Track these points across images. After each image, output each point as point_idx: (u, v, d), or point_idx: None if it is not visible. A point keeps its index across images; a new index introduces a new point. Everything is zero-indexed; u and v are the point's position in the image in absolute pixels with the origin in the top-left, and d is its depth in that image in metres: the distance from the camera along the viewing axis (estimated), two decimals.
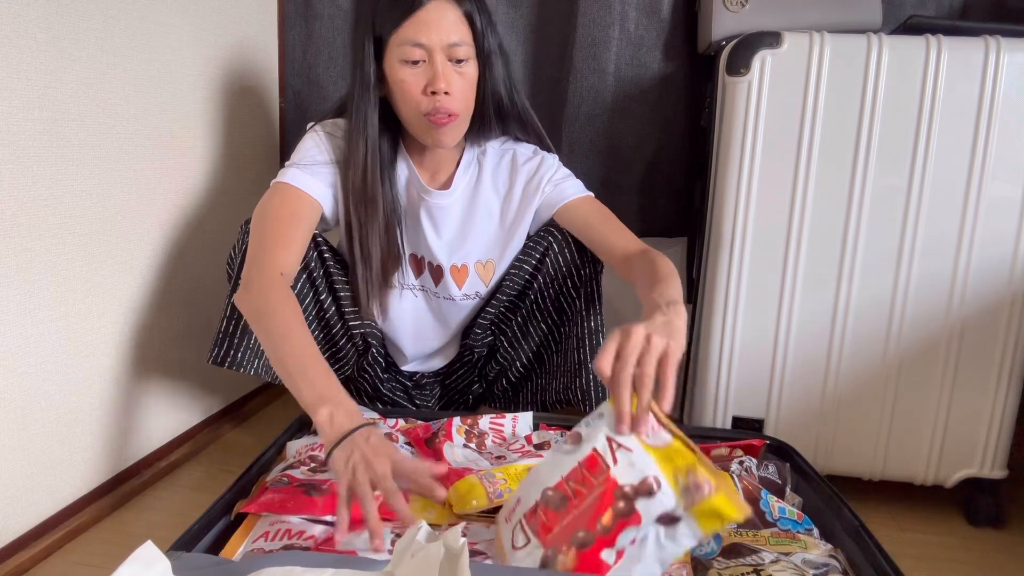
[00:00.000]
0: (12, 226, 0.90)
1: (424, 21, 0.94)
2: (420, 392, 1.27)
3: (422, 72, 0.96)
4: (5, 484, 0.93)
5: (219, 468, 1.26)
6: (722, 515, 0.66)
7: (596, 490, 0.68)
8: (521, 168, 1.11)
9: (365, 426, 0.77)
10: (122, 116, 1.07)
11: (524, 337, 1.17)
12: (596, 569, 0.66)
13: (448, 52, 0.95)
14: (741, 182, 1.10)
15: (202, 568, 0.66)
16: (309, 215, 1.02)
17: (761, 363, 1.15)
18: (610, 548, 0.67)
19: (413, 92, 0.97)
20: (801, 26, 1.11)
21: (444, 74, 0.95)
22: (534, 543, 0.69)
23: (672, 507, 0.66)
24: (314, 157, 1.04)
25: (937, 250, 1.08)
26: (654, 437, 0.70)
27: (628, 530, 0.66)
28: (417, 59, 0.95)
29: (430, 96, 0.96)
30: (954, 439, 1.13)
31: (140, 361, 1.16)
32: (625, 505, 0.67)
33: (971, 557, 1.06)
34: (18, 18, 0.89)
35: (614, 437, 0.70)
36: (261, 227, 0.98)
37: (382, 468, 0.73)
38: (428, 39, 0.94)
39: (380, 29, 0.97)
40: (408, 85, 0.97)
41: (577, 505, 0.68)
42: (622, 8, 1.35)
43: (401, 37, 0.95)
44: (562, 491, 0.70)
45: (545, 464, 0.74)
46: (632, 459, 0.68)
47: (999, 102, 1.03)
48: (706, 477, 0.66)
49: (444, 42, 0.94)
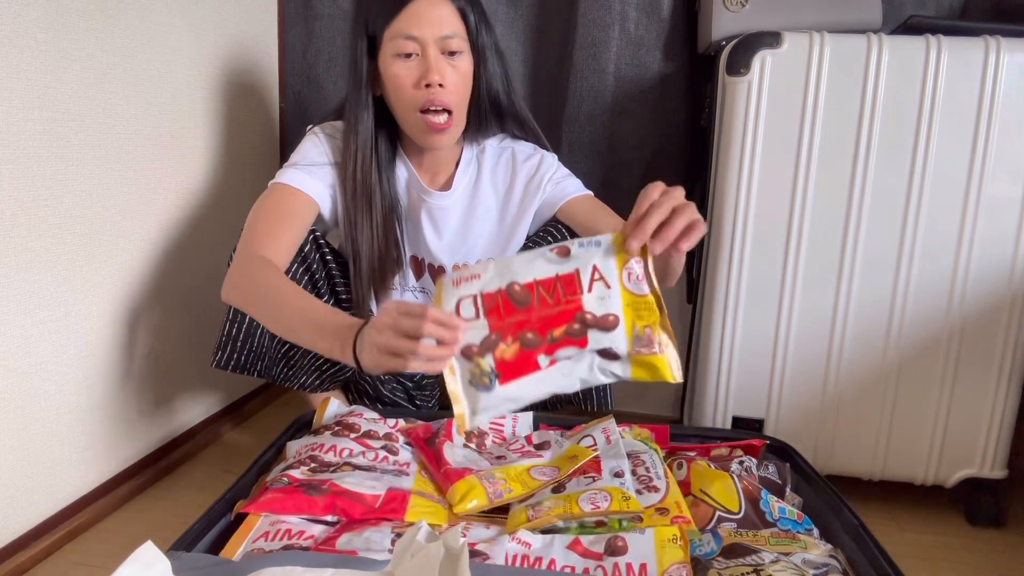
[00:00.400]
0: (12, 226, 0.90)
1: (416, 14, 0.94)
2: (420, 393, 1.27)
3: (415, 65, 0.96)
4: (5, 484, 0.93)
5: (219, 468, 1.26)
6: (657, 372, 0.75)
7: (561, 306, 0.74)
8: (521, 166, 1.11)
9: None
10: (122, 116, 1.07)
11: None
12: (527, 366, 0.74)
13: (441, 44, 0.95)
14: (741, 182, 1.10)
15: (202, 568, 0.66)
16: (303, 213, 1.02)
17: (761, 363, 1.15)
18: (548, 356, 0.74)
19: (406, 86, 0.97)
20: (801, 26, 1.11)
21: (437, 66, 0.95)
22: (483, 322, 0.74)
23: (619, 348, 0.74)
24: (312, 158, 1.04)
25: (937, 250, 1.08)
26: (635, 284, 0.75)
27: (571, 348, 0.74)
28: (410, 51, 0.95)
29: (423, 89, 0.96)
30: (954, 439, 1.13)
31: (140, 361, 1.16)
32: (580, 328, 0.74)
33: (971, 557, 1.06)
34: (18, 18, 0.89)
35: (600, 268, 0.74)
36: (251, 225, 0.99)
37: (394, 343, 0.72)
38: (420, 32, 0.94)
39: (373, 27, 0.97)
40: (401, 79, 0.97)
41: (537, 310, 0.74)
42: (622, 8, 1.35)
43: (394, 31, 0.95)
44: (529, 291, 0.74)
45: (522, 259, 0.77)
46: (606, 295, 0.74)
47: (999, 102, 1.03)
48: (660, 337, 0.74)
49: (437, 34, 0.95)
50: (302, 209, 1.01)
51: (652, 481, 0.87)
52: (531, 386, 0.75)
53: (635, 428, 1.04)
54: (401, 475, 0.90)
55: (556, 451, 0.94)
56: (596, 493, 0.82)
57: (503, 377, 0.74)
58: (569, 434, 1.00)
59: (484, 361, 0.74)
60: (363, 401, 1.24)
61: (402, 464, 0.93)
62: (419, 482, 0.89)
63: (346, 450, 0.92)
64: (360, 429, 0.98)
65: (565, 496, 0.82)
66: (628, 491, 0.83)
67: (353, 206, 1.04)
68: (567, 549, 0.74)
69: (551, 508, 0.80)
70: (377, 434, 0.98)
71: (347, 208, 1.04)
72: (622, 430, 1.01)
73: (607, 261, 0.75)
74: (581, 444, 0.94)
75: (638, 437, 1.02)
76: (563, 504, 0.80)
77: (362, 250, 1.06)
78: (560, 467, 0.89)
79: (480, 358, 0.74)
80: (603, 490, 0.82)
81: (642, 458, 0.93)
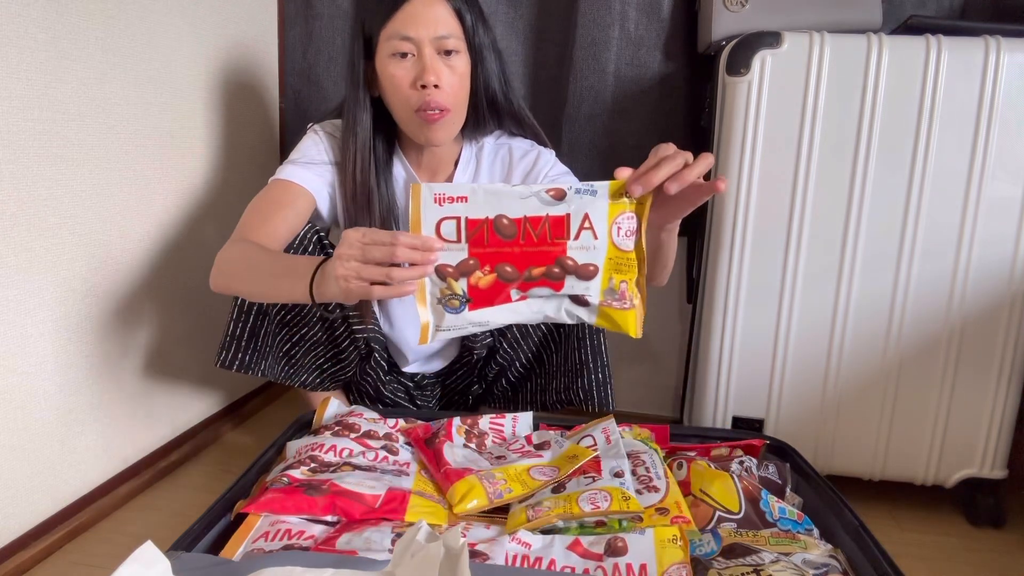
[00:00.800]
0: (12, 226, 0.90)
1: (412, 14, 0.94)
2: (421, 393, 1.27)
3: (411, 66, 0.96)
4: (5, 484, 0.93)
5: (219, 468, 1.26)
6: (620, 327, 0.79)
7: (544, 247, 0.76)
8: (518, 163, 1.11)
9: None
10: (122, 116, 1.07)
11: (524, 338, 1.17)
12: (499, 297, 0.77)
13: (437, 44, 0.95)
14: (741, 182, 1.10)
15: (202, 568, 0.66)
16: (297, 204, 1.02)
17: (761, 363, 1.15)
18: (521, 292, 0.76)
19: (402, 86, 0.97)
20: (801, 26, 1.11)
21: (433, 67, 0.95)
22: (463, 246, 0.76)
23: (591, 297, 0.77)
24: (312, 156, 1.05)
25: (937, 250, 1.08)
26: (622, 239, 0.77)
27: (546, 289, 0.77)
28: (406, 51, 0.95)
29: (419, 90, 0.96)
30: (954, 439, 1.13)
31: (140, 361, 1.16)
32: (559, 272, 0.76)
33: (971, 557, 1.06)
34: (18, 18, 0.89)
35: (591, 217, 0.76)
36: (245, 216, 1.01)
37: (355, 269, 0.73)
38: (416, 32, 0.94)
39: (370, 28, 0.97)
40: (397, 79, 0.97)
41: (521, 246, 0.76)
42: (622, 8, 1.35)
43: (390, 31, 0.95)
44: (516, 227, 0.76)
45: (514, 193, 0.77)
46: (592, 244, 0.76)
47: (999, 102, 1.03)
48: (633, 295, 0.78)
49: (432, 34, 0.94)
50: (296, 200, 1.02)
51: (652, 481, 0.87)
52: (498, 314, 0.78)
53: (635, 428, 1.04)
54: (401, 475, 0.90)
55: (556, 451, 0.94)
56: (596, 493, 0.82)
57: (473, 303, 0.76)
58: (569, 434, 1.00)
59: (457, 284, 0.76)
60: (363, 401, 1.24)
61: (402, 464, 0.93)
62: (419, 482, 0.89)
63: (346, 450, 0.92)
64: (360, 429, 0.98)
65: (565, 496, 0.82)
66: (628, 491, 0.83)
67: (353, 207, 1.04)
68: (567, 550, 0.74)
69: (551, 508, 0.80)
70: (377, 434, 0.98)
71: (347, 208, 1.04)
72: (622, 430, 1.01)
73: (599, 211, 0.76)
74: (581, 444, 0.94)
75: (638, 437, 1.02)
76: (563, 504, 0.80)
77: None
78: (560, 467, 0.89)
79: (454, 280, 0.76)
80: (603, 490, 0.82)
81: (642, 458, 0.93)
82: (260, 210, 1.00)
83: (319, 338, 1.13)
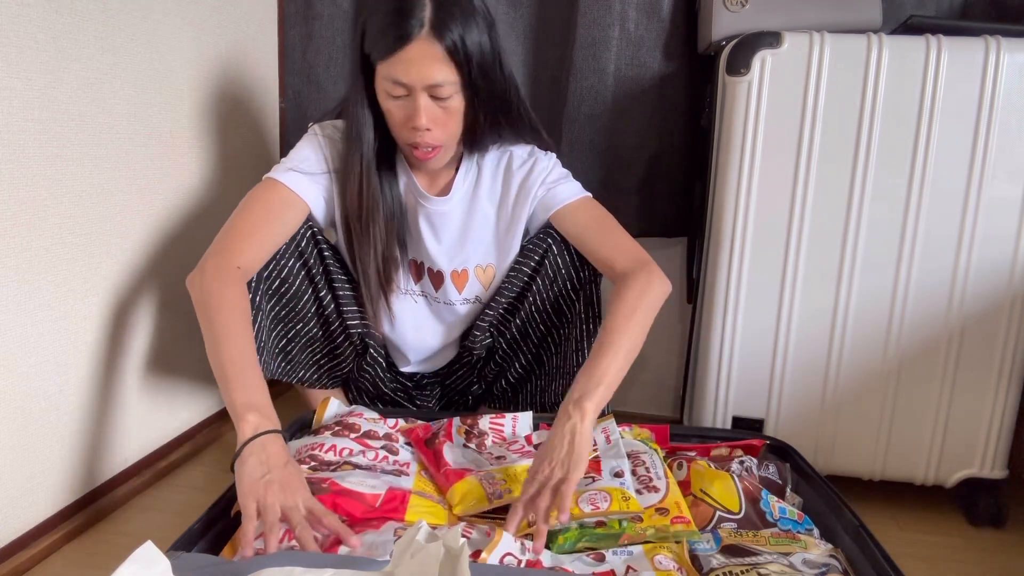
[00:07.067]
0: (12, 226, 0.90)
1: (406, 61, 0.92)
2: (420, 392, 1.27)
3: (403, 105, 0.96)
4: (5, 484, 0.93)
5: (219, 468, 1.26)
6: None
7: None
8: (515, 172, 1.11)
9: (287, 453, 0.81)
10: (122, 116, 1.07)
11: (523, 339, 1.17)
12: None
13: (430, 91, 0.94)
14: (741, 182, 1.10)
15: (202, 568, 0.66)
16: (289, 215, 1.03)
17: (761, 363, 1.15)
18: None
19: (396, 123, 0.98)
20: (801, 26, 1.11)
21: (425, 112, 0.95)
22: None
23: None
24: (311, 165, 1.05)
25: (937, 250, 1.08)
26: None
27: None
28: (399, 94, 0.95)
29: (411, 130, 0.97)
30: (954, 439, 1.13)
31: (140, 361, 1.16)
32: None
33: (971, 557, 1.06)
34: (18, 18, 0.89)
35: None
36: (236, 216, 1.00)
37: (293, 500, 0.75)
38: (409, 79, 0.93)
39: (370, 49, 0.96)
40: (392, 116, 0.98)
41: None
42: (622, 8, 1.35)
43: (385, 71, 0.94)
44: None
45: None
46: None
47: (999, 102, 1.03)
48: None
49: (425, 82, 0.93)
50: (287, 210, 1.03)
51: (652, 481, 0.87)
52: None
53: (635, 428, 1.04)
54: (401, 475, 0.90)
55: None
56: (596, 493, 0.82)
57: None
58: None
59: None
60: (362, 399, 1.24)
61: (402, 464, 0.93)
62: (419, 482, 0.89)
63: (346, 450, 0.92)
64: (360, 429, 0.98)
65: None
66: (628, 491, 0.83)
67: (357, 216, 1.04)
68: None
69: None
70: (377, 434, 0.98)
71: (347, 219, 1.05)
72: (622, 430, 1.01)
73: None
74: None
75: (638, 437, 1.02)
76: None
77: (363, 261, 1.07)
78: None
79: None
80: (603, 490, 0.82)
81: (642, 458, 0.93)
82: (249, 218, 1.00)
83: (315, 334, 1.13)
